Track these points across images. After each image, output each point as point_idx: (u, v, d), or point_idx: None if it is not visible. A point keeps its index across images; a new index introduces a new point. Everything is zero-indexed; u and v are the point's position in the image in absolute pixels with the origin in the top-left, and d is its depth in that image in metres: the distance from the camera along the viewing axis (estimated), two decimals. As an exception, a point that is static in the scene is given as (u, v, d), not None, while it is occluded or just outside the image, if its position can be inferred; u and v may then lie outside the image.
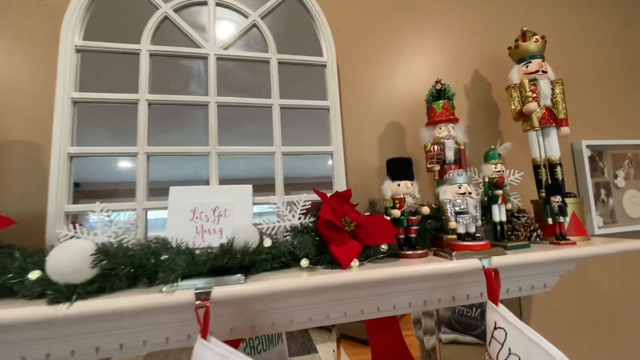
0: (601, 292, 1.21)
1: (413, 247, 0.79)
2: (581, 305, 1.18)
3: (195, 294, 0.56)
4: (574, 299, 1.18)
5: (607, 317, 1.20)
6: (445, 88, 0.92)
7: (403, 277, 0.66)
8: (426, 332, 1.52)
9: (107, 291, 0.57)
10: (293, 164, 0.92)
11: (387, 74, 1.10)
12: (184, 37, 0.90)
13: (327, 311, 0.78)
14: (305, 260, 0.67)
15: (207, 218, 0.76)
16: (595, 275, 1.21)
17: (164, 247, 0.64)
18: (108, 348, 0.64)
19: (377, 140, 1.05)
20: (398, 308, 0.83)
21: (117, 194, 0.83)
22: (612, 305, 1.21)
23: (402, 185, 0.80)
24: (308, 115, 0.97)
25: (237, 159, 0.90)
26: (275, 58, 0.94)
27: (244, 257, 0.63)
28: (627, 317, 1.23)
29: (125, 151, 0.81)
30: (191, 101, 0.87)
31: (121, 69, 0.85)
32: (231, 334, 0.73)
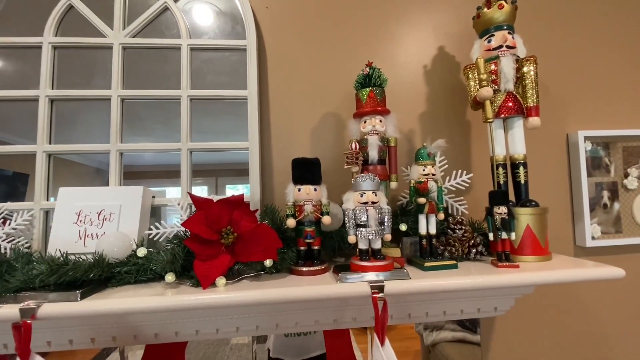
0: (573, 315, 1.00)
1: (312, 262, 0.69)
2: (548, 332, 0.99)
3: (21, 311, 0.53)
4: (537, 324, 0.99)
5: (578, 344, 1.00)
6: (373, 72, 0.76)
7: (258, 302, 0.57)
8: (426, 328, 1.42)
9: (-53, 300, 0.56)
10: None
11: (325, 57, 0.96)
12: (93, 27, 0.84)
13: (216, 325, 0.72)
14: (170, 275, 0.61)
15: (92, 222, 0.72)
16: (570, 297, 1.00)
17: (17, 256, 0.61)
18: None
19: (310, 134, 0.93)
20: (302, 325, 0.75)
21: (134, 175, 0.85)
22: (587, 331, 1.00)
23: (302, 190, 0.69)
24: (238, 106, 0.88)
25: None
26: (187, 44, 0.85)
27: (89, 271, 0.58)
28: (609, 345, 1.01)
29: (24, 150, 0.79)
30: (94, 95, 0.82)
31: (33, 63, 0.83)
32: (115, 342, 0.70)
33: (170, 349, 1.08)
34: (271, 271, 0.67)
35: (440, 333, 1.23)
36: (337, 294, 0.59)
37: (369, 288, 0.58)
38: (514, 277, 0.63)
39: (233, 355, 2.86)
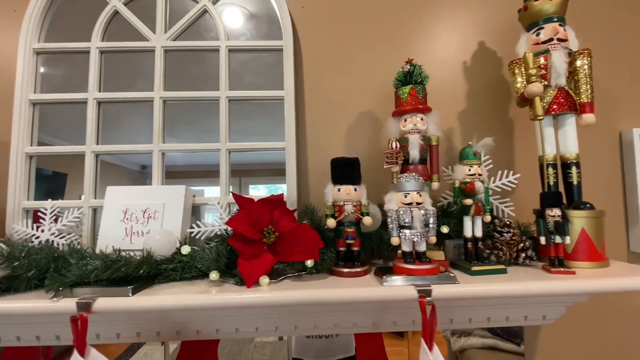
0: (625, 325, 0.93)
1: (352, 263, 0.68)
2: (597, 342, 0.92)
3: (77, 304, 0.55)
4: (585, 333, 0.92)
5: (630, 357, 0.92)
6: (414, 70, 0.74)
7: (305, 302, 0.56)
8: (454, 333, 1.39)
9: (12, 291, 0.59)
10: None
11: (361, 55, 0.94)
12: (137, 32, 0.87)
13: (256, 324, 0.72)
14: (215, 273, 0.62)
15: (137, 219, 0.74)
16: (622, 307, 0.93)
17: (72, 251, 0.64)
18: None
19: (345, 134, 0.92)
20: (340, 327, 0.74)
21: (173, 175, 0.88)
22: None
23: (342, 190, 0.68)
24: (273, 107, 0.88)
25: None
26: (225, 45, 0.86)
27: (139, 267, 0.59)
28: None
29: (75, 150, 0.83)
30: (137, 98, 0.85)
31: (84, 67, 0.87)
32: (158, 337, 0.72)
33: (204, 345, 1.10)
34: (311, 271, 0.66)
35: (469, 339, 1.19)
36: (383, 296, 0.57)
37: (415, 292, 0.57)
38: (571, 284, 0.59)
39: (257, 353, 2.88)
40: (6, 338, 0.71)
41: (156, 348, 3.71)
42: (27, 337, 0.71)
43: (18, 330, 0.70)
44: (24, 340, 0.71)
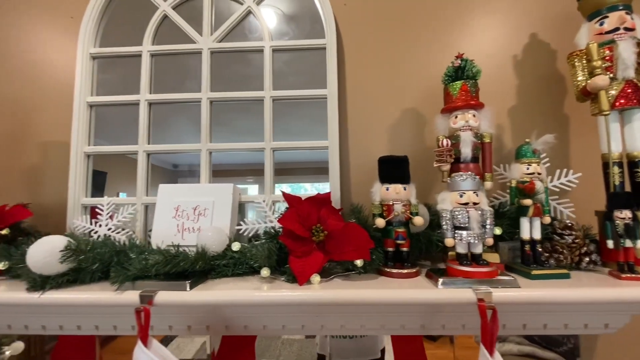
0: None
1: (401, 264, 0.67)
2: None
3: (140, 297, 0.57)
4: None
5: None
6: (465, 65, 0.72)
7: (360, 302, 0.56)
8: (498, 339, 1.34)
9: (78, 283, 0.63)
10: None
11: (404, 52, 0.92)
12: (183, 34, 0.90)
13: (302, 321, 0.73)
14: (266, 270, 0.63)
15: (188, 216, 0.77)
16: None
17: (132, 246, 0.67)
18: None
19: (388, 132, 0.90)
20: (387, 328, 0.72)
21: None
22: None
23: (391, 190, 0.67)
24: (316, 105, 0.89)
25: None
26: (269, 46, 0.87)
27: (195, 262, 0.61)
28: None
29: (129, 149, 0.87)
30: (185, 99, 0.87)
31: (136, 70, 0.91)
32: (208, 331, 0.74)
33: (243, 340, 1.12)
34: (359, 271, 0.66)
35: (504, 345, 1.14)
36: (439, 299, 0.56)
37: (474, 295, 0.54)
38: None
39: (285, 350, 2.90)
40: (68, 327, 0.75)
41: (187, 341, 3.81)
42: (87, 326, 0.75)
43: (79, 319, 0.74)
44: (84, 330, 0.76)
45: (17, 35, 1.00)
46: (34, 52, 0.99)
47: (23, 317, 0.73)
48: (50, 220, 0.87)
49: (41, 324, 0.75)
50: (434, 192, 0.87)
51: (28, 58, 0.99)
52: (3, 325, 0.76)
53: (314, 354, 1.50)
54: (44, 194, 0.93)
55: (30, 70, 0.98)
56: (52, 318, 0.72)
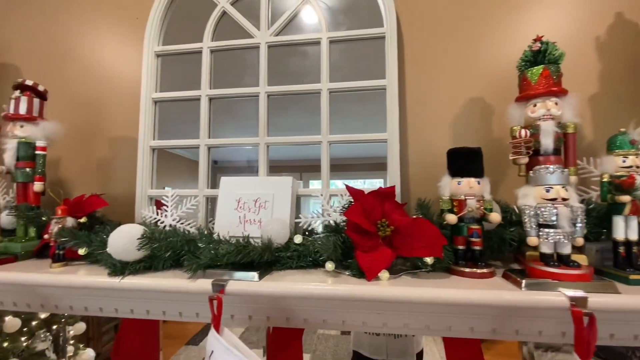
0: None
1: (474, 263, 0.63)
2: None
3: (212, 285, 0.59)
4: None
5: None
6: (546, 48, 0.65)
7: (436, 301, 0.53)
8: (538, 347, 1.29)
9: (152, 270, 0.66)
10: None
11: (468, 38, 0.86)
12: (242, 30, 0.91)
13: (363, 318, 0.71)
14: (330, 263, 0.62)
15: (249, 208, 0.78)
16: None
17: (201, 235, 0.69)
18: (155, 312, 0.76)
19: (451, 123, 0.86)
20: (455, 330, 0.69)
21: (239, 170, 0.96)
22: None
23: (463, 184, 0.63)
24: (371, 97, 0.86)
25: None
26: (326, 37, 0.86)
27: (263, 253, 0.62)
28: None
29: (190, 144, 0.90)
30: (244, 93, 0.89)
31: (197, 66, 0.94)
32: (268, 322, 0.75)
33: (291, 333, 1.13)
34: (428, 269, 0.63)
35: (557, 355, 1.06)
36: (525, 302, 0.51)
37: (566, 299, 0.49)
38: None
39: (320, 345, 2.90)
40: (138, 311, 0.80)
41: (228, 330, 3.91)
42: (155, 311, 0.79)
43: (149, 304, 0.78)
44: (152, 314, 0.79)
45: (86, 38, 1.07)
46: (102, 52, 1.06)
47: (98, 300, 0.78)
48: (119, 210, 0.92)
49: (114, 307, 0.80)
50: (501, 188, 0.81)
51: (97, 58, 1.06)
52: (80, 307, 0.82)
53: (349, 350, 1.49)
54: (113, 186, 0.99)
55: (100, 70, 1.05)
56: (124, 302, 0.76)
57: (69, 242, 0.71)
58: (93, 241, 0.71)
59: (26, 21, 1.10)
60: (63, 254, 0.72)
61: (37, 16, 1.10)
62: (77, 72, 1.06)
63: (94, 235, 0.72)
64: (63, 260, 0.72)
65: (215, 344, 0.55)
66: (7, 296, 0.86)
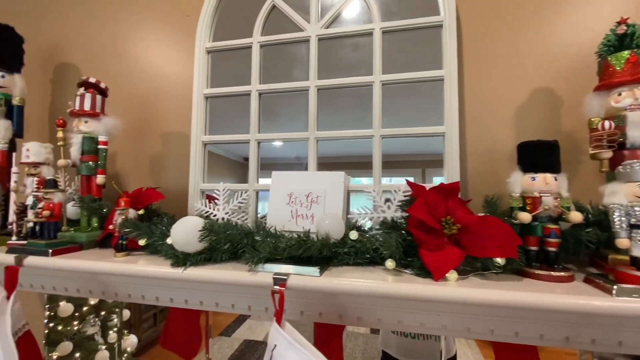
0: None
1: (550, 266, 0.58)
2: None
3: (274, 279, 0.58)
4: None
5: None
6: (633, 31, 0.59)
7: (516, 306, 0.49)
8: (602, 358, 1.20)
9: (212, 261, 0.67)
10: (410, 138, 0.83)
11: (535, 22, 0.80)
12: (292, 23, 0.91)
13: (421, 319, 0.68)
14: (390, 261, 0.60)
15: (301, 203, 0.77)
16: None
17: (258, 229, 0.69)
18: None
19: (514, 117, 0.80)
20: (521, 337, 0.64)
21: (271, 167, 0.96)
22: None
23: (538, 180, 0.58)
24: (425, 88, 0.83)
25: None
26: (379, 27, 0.83)
27: (322, 249, 0.61)
28: None
29: (242, 139, 0.91)
30: (293, 88, 0.88)
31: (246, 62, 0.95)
32: (320, 318, 0.74)
33: (334, 330, 1.11)
34: (496, 271, 0.59)
35: None
36: (620, 310, 0.47)
37: (669, 310, 0.44)
38: None
39: (350, 343, 2.86)
40: (192, 302, 0.82)
41: (258, 323, 4.01)
42: (208, 302, 0.80)
43: (203, 295, 0.79)
44: (205, 305, 0.81)
45: (139, 37, 1.11)
46: (155, 51, 1.09)
47: (155, 289, 0.81)
48: (171, 203, 0.95)
49: (170, 297, 0.82)
50: (574, 185, 0.75)
51: (150, 57, 1.09)
52: (138, 296, 0.85)
53: (379, 349, 1.45)
54: (165, 179, 1.03)
55: (152, 67, 1.09)
56: (180, 292, 0.78)
57: (131, 232, 0.73)
58: (154, 232, 0.73)
59: (84, 23, 1.16)
60: (126, 244, 0.75)
61: (94, 18, 1.15)
62: (131, 70, 1.10)
63: (154, 227, 0.74)
64: (126, 250, 0.75)
65: (278, 338, 0.55)
66: (72, 283, 0.91)
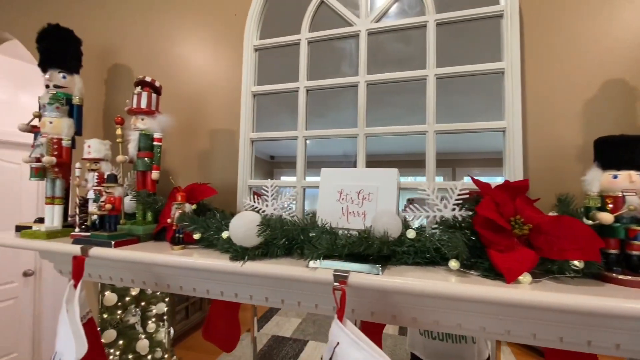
0: None
1: (634, 271, 0.54)
2: None
3: (334, 275, 0.58)
4: None
5: None
6: None
7: (604, 313, 0.45)
8: None
9: (268, 256, 0.67)
10: (461, 135, 0.80)
11: (606, 9, 0.74)
12: (338, 19, 0.90)
13: (482, 323, 0.65)
14: (455, 261, 0.57)
15: (352, 200, 0.76)
16: None
17: (313, 225, 0.68)
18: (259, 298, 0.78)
19: (581, 110, 0.75)
20: (595, 346, 0.60)
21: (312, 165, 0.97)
22: None
23: (621, 178, 0.54)
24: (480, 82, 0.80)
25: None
26: (433, 20, 0.80)
27: (382, 247, 0.59)
28: None
29: (289, 135, 0.91)
30: (342, 83, 0.87)
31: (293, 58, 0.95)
32: (372, 317, 0.73)
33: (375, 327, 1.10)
34: (572, 275, 0.55)
35: None
36: None
37: None
38: None
39: None
40: (242, 295, 0.83)
41: (285, 320, 4.05)
42: (258, 296, 0.81)
43: (252, 290, 0.80)
44: (255, 299, 0.82)
45: (186, 37, 1.14)
46: (202, 50, 1.12)
47: (207, 282, 0.83)
48: (219, 199, 0.97)
49: (220, 290, 0.84)
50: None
51: (197, 56, 1.12)
52: (189, 288, 0.88)
53: (407, 351, 1.41)
54: (212, 175, 1.05)
55: (200, 67, 1.11)
56: (231, 286, 0.80)
57: (189, 226, 0.75)
58: (210, 226, 0.75)
59: (134, 25, 1.21)
60: (182, 237, 0.77)
61: (143, 20, 1.20)
62: (180, 69, 1.13)
63: (209, 221, 0.76)
64: (182, 243, 0.77)
65: (341, 336, 0.54)
66: (127, 273, 0.95)
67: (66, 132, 0.93)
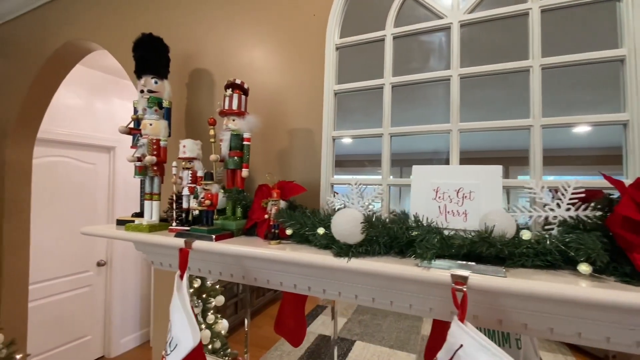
0: None
1: None
2: None
3: (452, 276, 0.56)
4: None
5: None
6: None
7: None
8: None
9: (370, 254, 0.67)
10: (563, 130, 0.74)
11: None
12: (427, 12, 0.87)
13: (608, 333, 0.60)
14: (586, 265, 0.53)
15: (450, 199, 0.73)
16: None
17: (416, 224, 0.67)
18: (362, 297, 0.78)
19: None
20: None
21: (363, 164, 0.96)
22: None
23: None
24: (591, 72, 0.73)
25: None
26: (538, 6, 0.75)
27: (503, 248, 0.56)
28: None
29: (374, 133, 0.90)
30: (432, 78, 0.85)
31: (374, 55, 0.94)
32: (474, 321, 0.70)
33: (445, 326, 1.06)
34: None
35: None
36: None
37: None
38: None
39: (423, 343, 2.75)
40: (330, 291, 0.84)
41: (330, 319, 4.03)
42: (347, 293, 0.82)
43: (342, 287, 0.81)
44: (343, 296, 0.83)
45: (266, 39, 1.18)
46: (280, 52, 1.15)
47: (294, 277, 0.85)
48: (300, 197, 0.99)
49: (308, 285, 0.85)
50: None
51: (275, 58, 1.16)
52: (276, 282, 0.90)
53: None
54: (293, 174, 1.08)
55: (281, 66, 1.14)
56: (318, 282, 0.81)
57: (286, 222, 0.78)
58: (306, 223, 0.76)
59: (213, 31, 1.28)
60: (277, 232, 0.80)
61: (221, 24, 1.26)
62: (264, 70, 1.17)
63: (305, 218, 0.78)
64: (279, 239, 0.79)
65: (464, 338, 0.52)
66: (216, 266, 1.00)
67: (163, 133, 1.00)
